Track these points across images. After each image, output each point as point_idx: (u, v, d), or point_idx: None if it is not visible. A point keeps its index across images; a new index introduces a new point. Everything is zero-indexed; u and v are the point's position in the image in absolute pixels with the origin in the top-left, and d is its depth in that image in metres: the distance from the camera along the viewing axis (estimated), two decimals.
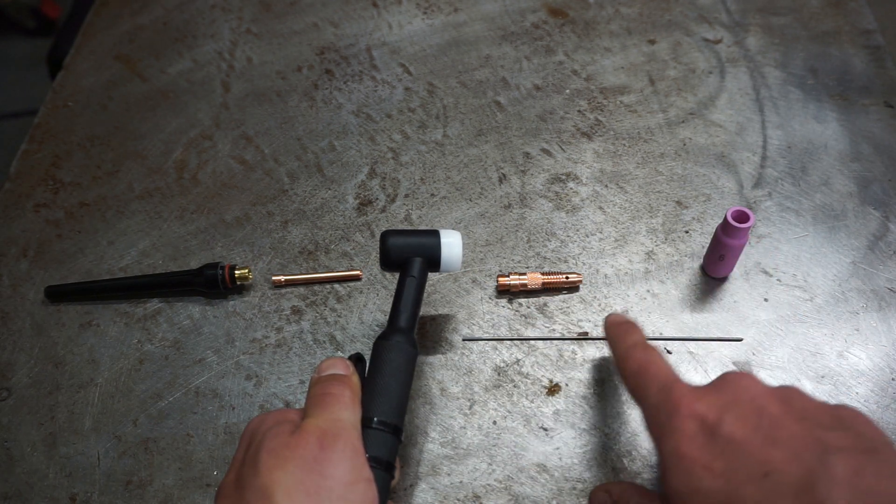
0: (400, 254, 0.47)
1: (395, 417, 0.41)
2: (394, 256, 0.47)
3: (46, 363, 0.57)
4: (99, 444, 0.52)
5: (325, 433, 0.37)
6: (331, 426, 0.37)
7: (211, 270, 0.58)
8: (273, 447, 0.36)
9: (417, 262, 0.47)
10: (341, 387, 0.40)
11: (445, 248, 0.48)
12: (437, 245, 0.48)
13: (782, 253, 0.59)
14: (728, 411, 0.34)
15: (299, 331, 0.57)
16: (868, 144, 0.66)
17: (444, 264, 0.48)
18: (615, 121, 0.70)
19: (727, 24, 0.77)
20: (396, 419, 0.41)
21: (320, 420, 0.38)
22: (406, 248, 0.47)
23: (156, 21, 0.85)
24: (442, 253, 0.48)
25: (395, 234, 0.48)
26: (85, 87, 0.78)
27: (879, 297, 0.56)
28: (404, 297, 0.46)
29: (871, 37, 0.75)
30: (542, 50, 0.77)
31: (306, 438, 0.36)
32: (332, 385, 0.40)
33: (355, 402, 0.40)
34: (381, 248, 0.48)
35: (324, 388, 0.40)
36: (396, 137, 0.70)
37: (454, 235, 0.48)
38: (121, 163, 0.70)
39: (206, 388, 0.54)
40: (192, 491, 0.50)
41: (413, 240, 0.48)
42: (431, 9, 0.82)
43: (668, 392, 0.37)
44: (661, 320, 0.56)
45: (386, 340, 0.44)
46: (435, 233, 0.48)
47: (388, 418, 0.41)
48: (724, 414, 0.34)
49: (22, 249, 0.64)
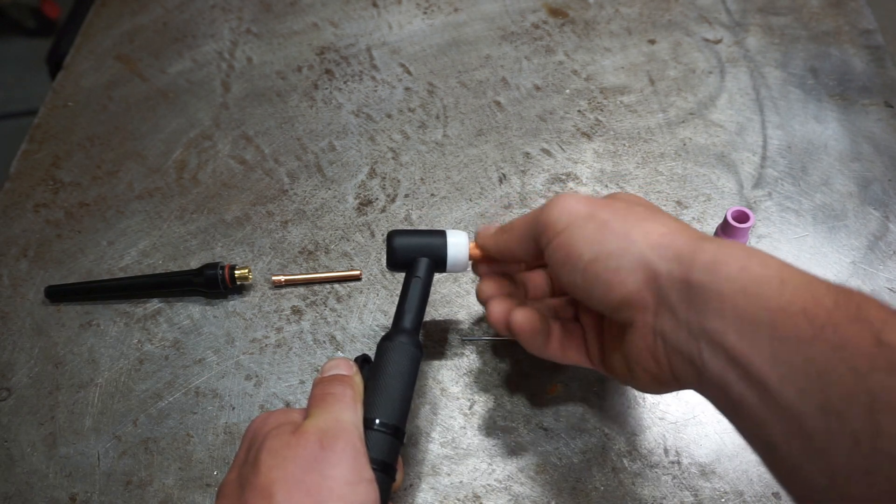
0: (406, 254, 0.47)
1: (396, 419, 0.41)
2: (400, 256, 0.47)
3: (46, 363, 0.57)
4: (99, 444, 0.52)
5: (325, 433, 0.37)
6: (332, 426, 0.37)
7: (211, 270, 0.58)
8: (274, 447, 0.36)
9: (424, 262, 0.47)
10: (343, 387, 0.40)
11: (452, 248, 0.47)
12: (444, 245, 0.47)
13: (782, 253, 0.59)
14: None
15: (299, 331, 0.57)
16: (868, 144, 0.66)
17: (451, 264, 0.47)
18: (615, 121, 0.70)
19: (727, 24, 0.77)
20: (398, 421, 0.41)
21: (321, 420, 0.38)
22: (412, 249, 0.47)
23: (156, 21, 0.85)
24: (448, 253, 0.47)
25: (401, 234, 0.47)
26: (85, 87, 0.78)
27: (879, 297, 0.56)
28: (409, 297, 0.46)
29: (871, 37, 0.75)
30: (542, 50, 0.77)
31: (307, 438, 0.36)
32: (333, 385, 0.40)
33: (357, 402, 0.40)
34: (387, 248, 0.47)
35: (325, 388, 0.40)
36: (396, 137, 0.70)
37: (461, 235, 0.48)
38: (121, 163, 0.70)
39: (206, 388, 0.54)
40: (192, 491, 0.50)
41: (420, 240, 0.47)
42: (431, 9, 0.82)
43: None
44: None
45: (390, 341, 0.43)
46: (441, 233, 0.48)
47: (389, 420, 0.41)
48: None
49: (22, 249, 0.64)
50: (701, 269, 0.33)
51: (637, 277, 0.35)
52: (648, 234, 0.36)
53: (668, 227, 0.36)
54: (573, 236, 0.38)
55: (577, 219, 0.38)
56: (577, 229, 0.38)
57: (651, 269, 0.35)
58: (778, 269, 0.31)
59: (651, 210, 0.40)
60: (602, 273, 0.36)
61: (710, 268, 0.32)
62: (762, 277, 0.31)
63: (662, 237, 0.35)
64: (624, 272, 0.35)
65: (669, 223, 0.37)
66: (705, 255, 0.33)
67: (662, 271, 0.34)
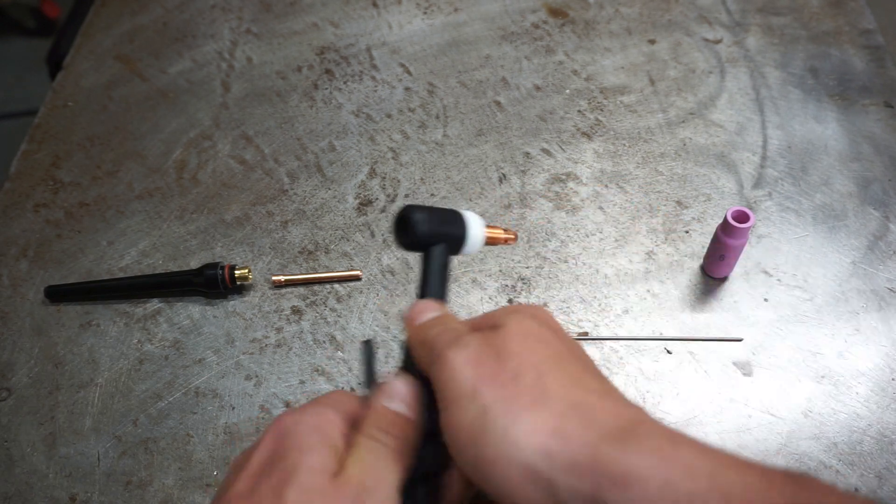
0: (427, 236, 0.42)
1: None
2: (421, 237, 0.42)
3: (46, 363, 0.57)
4: (99, 444, 0.52)
5: (364, 489, 0.32)
6: (373, 483, 0.32)
7: (211, 270, 0.58)
8: (307, 487, 0.31)
9: (441, 247, 0.42)
10: (398, 438, 0.34)
11: (472, 232, 0.43)
12: (463, 228, 0.43)
13: (782, 253, 0.59)
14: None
15: (299, 331, 0.57)
16: (868, 144, 0.66)
17: (468, 248, 0.44)
18: (615, 121, 0.70)
19: (727, 24, 0.77)
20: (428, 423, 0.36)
21: (366, 473, 0.32)
22: (433, 232, 0.42)
23: (156, 21, 0.84)
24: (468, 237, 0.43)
25: (420, 211, 0.42)
26: (85, 87, 0.78)
27: (879, 297, 0.56)
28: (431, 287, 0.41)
29: (871, 37, 0.75)
30: (542, 50, 0.77)
31: (345, 493, 0.31)
32: (392, 427, 0.34)
33: (406, 457, 0.34)
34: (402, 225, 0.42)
35: (383, 427, 0.34)
36: (396, 137, 0.70)
37: (476, 219, 0.45)
38: (121, 163, 0.70)
39: (206, 388, 0.54)
40: (192, 491, 0.50)
41: (440, 221, 0.42)
42: (431, 9, 0.82)
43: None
44: (661, 320, 0.56)
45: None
46: (455, 213, 0.44)
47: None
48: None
49: (22, 249, 0.64)
50: (611, 487, 0.26)
51: (529, 494, 0.28)
52: (534, 431, 0.28)
53: (561, 414, 0.29)
54: (452, 421, 0.30)
55: (461, 396, 0.30)
56: (458, 411, 0.30)
57: (545, 483, 0.27)
58: (710, 476, 0.25)
59: (541, 381, 0.30)
60: (487, 484, 0.29)
61: (623, 484, 0.26)
62: (693, 496, 0.24)
63: (552, 437, 0.28)
64: (510, 486, 0.28)
65: (561, 406, 0.29)
66: (614, 466, 0.26)
67: (561, 486, 0.27)
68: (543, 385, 0.30)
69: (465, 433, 0.30)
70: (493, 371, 0.31)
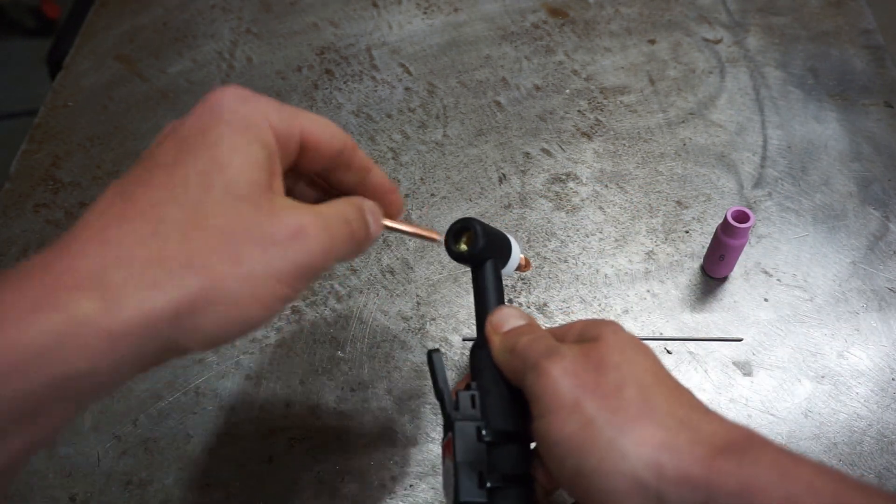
0: (485, 250, 0.42)
1: (514, 424, 0.36)
2: (481, 251, 0.42)
3: None
4: (99, 444, 0.52)
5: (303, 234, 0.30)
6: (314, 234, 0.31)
7: None
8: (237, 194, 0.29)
9: (492, 262, 0.43)
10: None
11: (514, 257, 0.45)
12: (509, 252, 0.45)
13: (782, 253, 0.59)
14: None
15: (299, 331, 0.57)
16: (868, 144, 0.66)
17: (506, 272, 0.45)
18: (615, 121, 0.70)
19: (727, 24, 0.77)
20: (515, 425, 0.36)
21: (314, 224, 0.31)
22: (490, 246, 0.42)
23: (156, 21, 0.84)
24: (510, 261, 0.45)
25: (483, 226, 0.42)
26: (85, 87, 0.78)
27: (879, 297, 0.56)
28: (489, 298, 0.41)
29: (871, 37, 0.75)
30: (542, 50, 0.77)
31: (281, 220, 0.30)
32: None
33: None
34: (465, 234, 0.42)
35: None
36: (396, 137, 0.70)
37: (516, 245, 0.46)
38: (121, 163, 0.70)
39: (206, 388, 0.54)
40: (192, 491, 0.50)
41: (495, 239, 0.44)
42: (431, 9, 0.82)
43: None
44: (661, 320, 0.56)
45: (482, 349, 0.39)
46: (503, 236, 0.45)
47: (508, 427, 0.36)
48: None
49: (22, 249, 0.64)
50: (728, 501, 0.25)
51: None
52: (642, 443, 0.28)
53: (668, 428, 0.28)
54: (551, 430, 0.30)
55: (561, 407, 0.30)
56: (558, 422, 0.30)
57: (653, 495, 0.27)
58: (834, 494, 0.24)
59: (644, 394, 0.30)
60: (588, 495, 0.29)
61: (741, 498, 0.25)
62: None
63: (661, 450, 0.28)
64: (616, 497, 0.28)
65: (668, 420, 0.29)
66: (731, 479, 0.26)
67: (671, 499, 0.27)
68: (647, 398, 0.30)
69: (567, 443, 0.29)
70: (595, 383, 0.30)
